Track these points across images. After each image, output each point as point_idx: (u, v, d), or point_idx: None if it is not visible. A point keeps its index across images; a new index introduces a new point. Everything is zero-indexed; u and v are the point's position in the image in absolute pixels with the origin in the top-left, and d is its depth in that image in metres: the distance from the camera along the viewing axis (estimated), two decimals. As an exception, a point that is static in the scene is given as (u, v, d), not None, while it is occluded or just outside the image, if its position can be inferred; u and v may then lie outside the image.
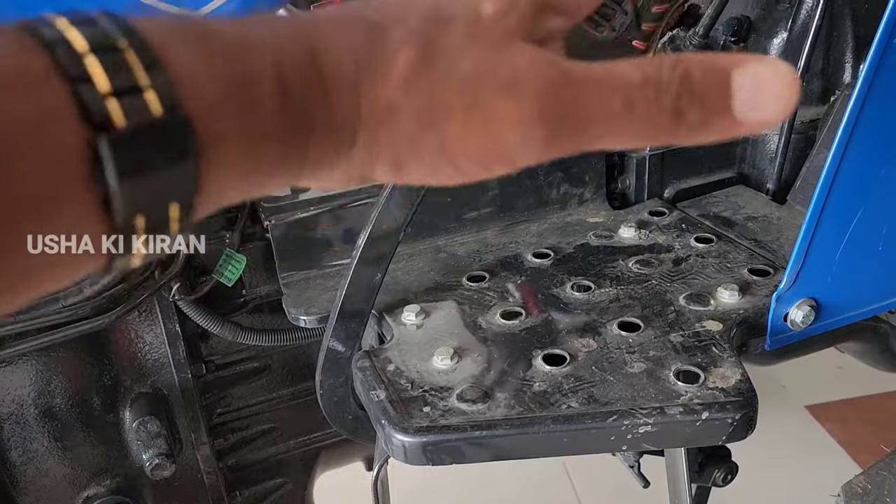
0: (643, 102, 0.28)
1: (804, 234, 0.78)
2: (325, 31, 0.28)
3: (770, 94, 0.29)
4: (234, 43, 0.25)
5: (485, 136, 0.28)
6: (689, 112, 0.28)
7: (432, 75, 0.28)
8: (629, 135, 0.29)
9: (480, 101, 0.28)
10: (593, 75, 0.29)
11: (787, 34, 1.11)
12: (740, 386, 0.72)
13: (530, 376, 0.76)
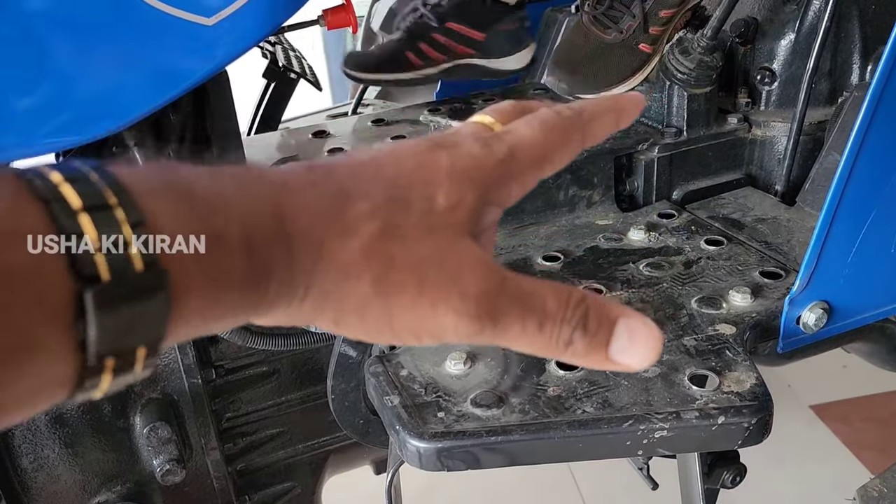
0: (549, 327, 0.34)
1: (817, 237, 0.78)
2: (295, 193, 0.31)
3: (638, 346, 0.35)
4: (210, 202, 0.27)
5: (427, 313, 0.32)
6: (577, 343, 0.34)
7: (390, 250, 0.31)
8: (530, 346, 0.35)
9: (429, 285, 0.32)
10: (522, 292, 0.34)
11: (795, 35, 1.11)
12: (755, 390, 0.71)
13: (544, 381, 0.75)
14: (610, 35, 1.12)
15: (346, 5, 0.83)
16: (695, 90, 1.09)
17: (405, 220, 0.32)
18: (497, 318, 0.33)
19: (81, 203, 0.23)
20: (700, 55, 1.06)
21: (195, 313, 0.27)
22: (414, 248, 0.32)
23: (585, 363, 0.35)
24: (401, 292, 0.32)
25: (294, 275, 0.30)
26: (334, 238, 0.31)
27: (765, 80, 1.15)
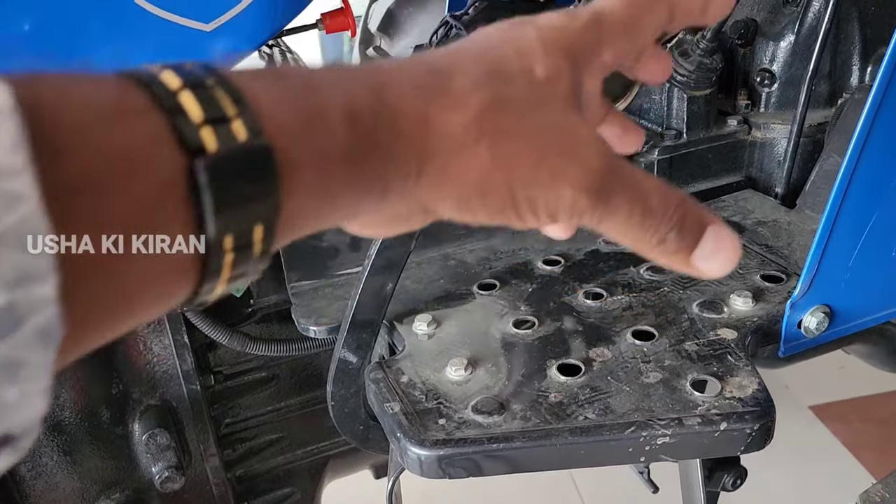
0: (651, 221, 0.35)
1: (818, 241, 0.77)
2: (391, 72, 0.30)
3: (720, 254, 0.36)
4: (306, 82, 0.28)
5: (547, 186, 0.32)
6: (669, 242, 0.35)
7: (503, 121, 0.31)
8: (626, 235, 0.35)
9: (548, 157, 0.31)
10: (634, 177, 0.34)
11: (795, 37, 1.11)
12: (757, 395, 0.71)
13: (545, 387, 0.75)
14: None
15: (345, 9, 0.83)
16: (694, 92, 1.09)
17: (511, 91, 0.31)
18: (610, 198, 0.33)
19: (181, 83, 0.24)
20: (700, 57, 1.06)
21: (306, 192, 0.27)
22: (527, 119, 0.31)
23: (668, 262, 0.36)
24: (520, 164, 0.31)
25: (403, 147, 0.29)
26: (441, 112, 0.30)
27: (764, 82, 1.14)
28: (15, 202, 0.19)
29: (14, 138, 0.19)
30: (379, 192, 0.30)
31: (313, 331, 0.89)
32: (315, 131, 0.27)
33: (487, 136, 0.30)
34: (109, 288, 0.23)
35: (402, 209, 0.33)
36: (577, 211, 0.33)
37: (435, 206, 0.32)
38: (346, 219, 0.32)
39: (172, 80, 0.24)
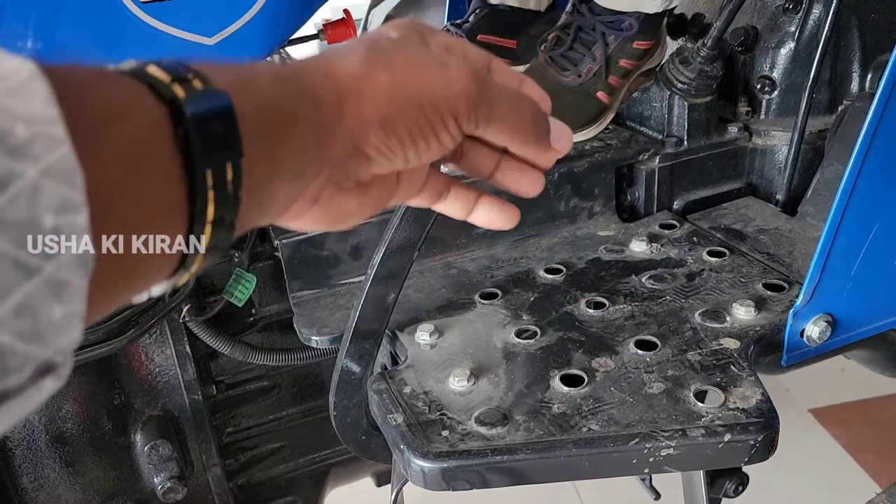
0: (530, 107, 0.44)
1: (821, 250, 0.77)
2: (299, 62, 0.38)
3: (565, 134, 0.47)
4: (243, 67, 0.35)
5: (442, 91, 0.39)
6: (544, 129, 0.45)
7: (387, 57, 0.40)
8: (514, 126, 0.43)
9: (431, 70, 0.40)
10: (495, 84, 0.43)
11: (795, 44, 1.11)
12: (761, 406, 0.71)
13: (549, 398, 0.75)
14: (568, 77, 1.07)
15: (346, 20, 0.82)
16: (695, 100, 1.09)
17: (381, 44, 0.40)
18: (488, 91, 0.41)
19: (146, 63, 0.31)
20: (700, 65, 1.06)
21: (257, 140, 0.32)
22: (403, 53, 0.40)
23: (540, 150, 0.45)
24: (414, 79, 0.39)
25: (323, 93, 0.37)
26: (338, 62, 0.38)
27: (765, 89, 1.14)
28: (56, 144, 0.23)
29: (47, 94, 0.24)
30: (315, 138, 0.36)
31: (315, 341, 0.89)
32: (253, 87, 0.33)
33: (380, 65, 0.38)
34: (119, 212, 0.27)
35: (338, 154, 0.38)
36: (471, 104, 0.40)
37: (364, 136, 0.38)
38: (295, 180, 0.36)
39: (138, 64, 0.31)
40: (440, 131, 0.40)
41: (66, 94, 0.25)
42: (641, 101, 1.15)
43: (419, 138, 0.39)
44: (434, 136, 0.40)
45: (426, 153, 0.41)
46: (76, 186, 0.24)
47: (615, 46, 1.07)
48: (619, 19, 1.06)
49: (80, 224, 0.24)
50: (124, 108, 0.28)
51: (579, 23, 1.07)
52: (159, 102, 0.29)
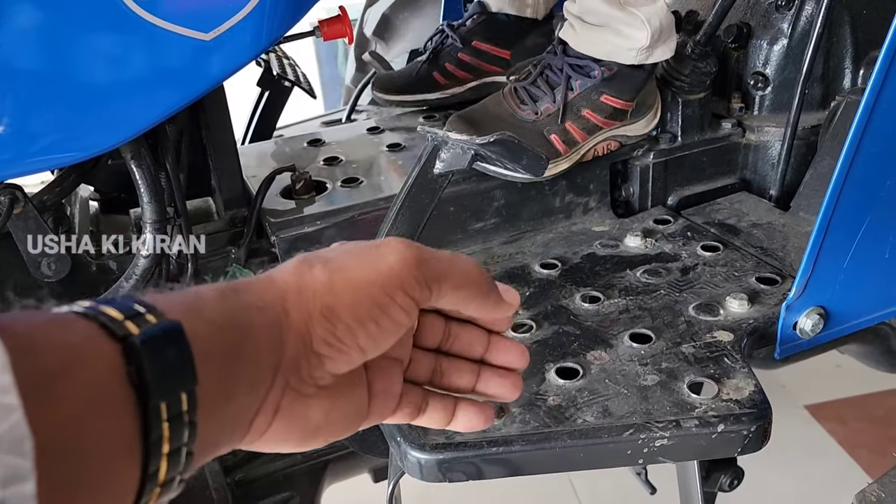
0: (481, 275, 0.44)
1: (813, 244, 0.78)
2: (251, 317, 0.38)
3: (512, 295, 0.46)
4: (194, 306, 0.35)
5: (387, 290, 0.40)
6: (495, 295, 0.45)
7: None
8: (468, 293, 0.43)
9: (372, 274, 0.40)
10: (439, 252, 0.43)
11: (788, 41, 1.12)
12: (754, 397, 0.72)
13: (544, 390, 0.76)
14: (524, 111, 1.01)
15: (342, 17, 0.83)
16: (689, 96, 1.09)
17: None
18: (431, 266, 0.41)
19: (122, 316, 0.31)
20: (693, 61, 1.07)
21: (212, 372, 0.32)
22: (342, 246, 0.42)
23: (494, 312, 0.45)
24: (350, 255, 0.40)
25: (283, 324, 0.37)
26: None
27: (758, 86, 1.15)
28: (8, 413, 0.24)
29: (2, 361, 0.25)
30: (266, 344, 0.36)
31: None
32: (201, 307, 0.34)
33: (316, 260, 0.39)
34: (71, 467, 0.27)
35: (290, 355, 0.37)
36: (416, 269, 0.40)
37: (310, 332, 0.38)
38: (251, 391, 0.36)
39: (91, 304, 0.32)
40: (389, 308, 0.39)
41: (20, 349, 0.25)
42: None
43: (367, 320, 0.38)
44: (384, 315, 0.39)
45: (380, 336, 0.40)
46: (25, 455, 0.24)
47: (579, 94, 1.01)
48: (589, 66, 1.01)
49: (28, 493, 0.24)
50: (77, 354, 0.28)
51: (549, 61, 1.04)
52: (112, 341, 0.29)
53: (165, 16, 0.61)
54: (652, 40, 0.99)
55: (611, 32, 0.99)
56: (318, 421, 0.40)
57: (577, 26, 1.01)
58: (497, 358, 0.48)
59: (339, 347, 0.38)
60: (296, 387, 0.38)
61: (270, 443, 0.39)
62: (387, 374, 0.44)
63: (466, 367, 0.47)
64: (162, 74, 0.64)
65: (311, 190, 1.01)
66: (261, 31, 0.66)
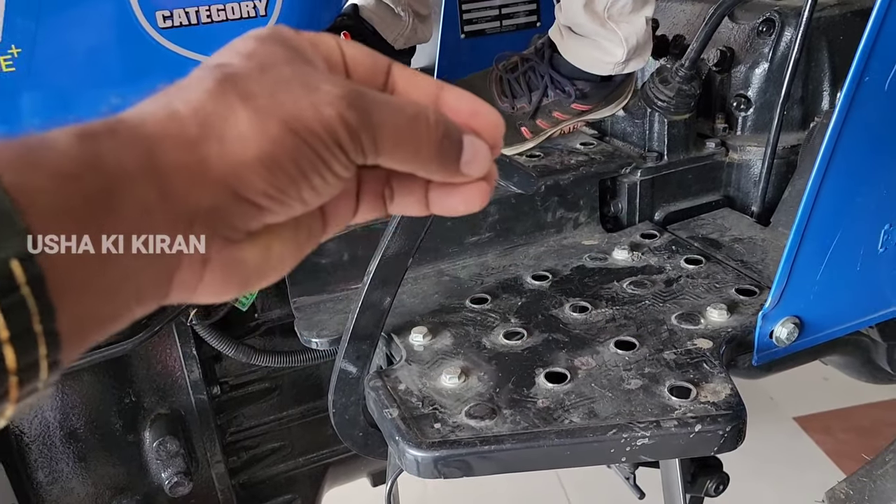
0: (421, 127, 0.36)
1: (787, 256, 0.83)
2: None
3: (480, 156, 0.38)
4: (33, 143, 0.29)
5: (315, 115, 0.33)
6: (444, 150, 0.37)
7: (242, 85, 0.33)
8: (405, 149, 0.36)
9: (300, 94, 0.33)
10: (381, 95, 0.36)
11: (769, 65, 1.18)
12: (730, 400, 0.77)
13: (534, 393, 0.80)
14: (503, 103, 1.15)
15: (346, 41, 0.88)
16: (674, 117, 1.15)
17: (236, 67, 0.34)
18: (371, 111, 0.34)
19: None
20: (679, 84, 1.13)
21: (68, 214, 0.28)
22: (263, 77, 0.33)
23: (444, 173, 0.37)
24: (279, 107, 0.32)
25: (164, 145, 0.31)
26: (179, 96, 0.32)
27: (741, 107, 1.21)
28: None
29: None
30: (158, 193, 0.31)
31: (315, 343, 0.95)
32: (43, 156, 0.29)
33: (236, 96, 0.32)
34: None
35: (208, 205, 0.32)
36: (349, 128, 0.33)
37: (244, 180, 0.32)
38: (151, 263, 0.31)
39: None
40: (330, 160, 0.34)
41: None
42: (624, 118, 1.21)
43: (311, 171, 0.33)
44: (325, 167, 0.34)
45: (324, 188, 0.34)
46: None
47: (552, 101, 1.14)
48: (564, 83, 1.13)
49: None
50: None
51: (534, 65, 1.15)
52: None
53: (187, 45, 0.66)
54: (627, 56, 1.10)
55: (591, 45, 1.10)
56: (256, 263, 0.36)
57: (564, 33, 1.13)
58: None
59: (280, 199, 0.33)
60: (226, 234, 0.34)
61: (207, 295, 0.35)
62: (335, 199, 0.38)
63: (412, 183, 0.40)
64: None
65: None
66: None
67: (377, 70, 0.39)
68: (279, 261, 0.37)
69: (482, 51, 1.64)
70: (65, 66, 0.67)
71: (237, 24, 0.68)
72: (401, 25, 1.34)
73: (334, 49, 0.38)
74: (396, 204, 0.41)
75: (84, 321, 0.29)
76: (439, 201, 0.40)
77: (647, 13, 1.09)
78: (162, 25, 0.66)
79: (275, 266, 0.37)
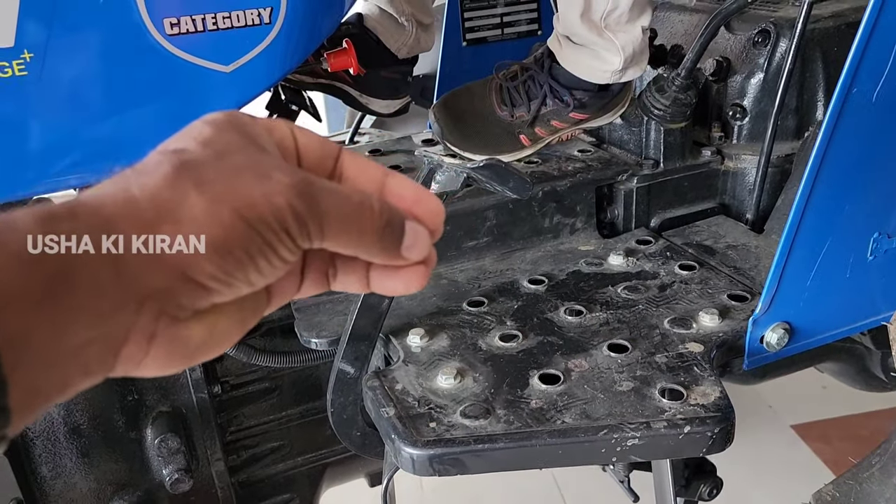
0: (365, 214, 0.38)
1: (777, 262, 0.85)
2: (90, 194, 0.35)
3: (421, 241, 0.40)
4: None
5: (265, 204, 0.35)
6: (386, 235, 0.39)
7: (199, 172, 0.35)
8: (349, 235, 0.38)
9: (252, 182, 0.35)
10: (329, 184, 0.38)
11: (764, 75, 1.20)
12: (719, 403, 0.78)
13: (527, 394, 0.82)
14: (502, 111, 1.18)
15: (348, 50, 0.90)
16: (671, 125, 1.17)
17: (194, 154, 0.35)
18: (319, 199, 0.36)
19: None
20: (675, 93, 1.15)
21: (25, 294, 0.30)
22: (219, 164, 0.35)
23: (385, 256, 0.40)
24: (232, 195, 0.34)
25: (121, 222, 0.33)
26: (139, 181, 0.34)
27: (736, 116, 1.23)
28: None
29: None
30: (112, 273, 0.32)
31: (315, 343, 0.97)
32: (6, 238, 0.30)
33: (190, 183, 0.34)
34: None
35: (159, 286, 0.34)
36: (297, 216, 0.35)
37: (194, 264, 0.34)
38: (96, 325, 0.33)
39: None
40: (277, 246, 0.35)
41: None
42: (621, 126, 1.23)
43: (258, 256, 0.35)
44: (273, 252, 0.35)
45: (270, 271, 0.36)
46: None
47: (551, 109, 1.16)
48: (563, 92, 1.15)
49: None
50: None
51: (535, 74, 1.17)
52: None
53: (192, 51, 0.68)
54: (625, 65, 1.11)
55: (589, 54, 1.12)
56: (201, 339, 0.37)
57: (563, 42, 1.15)
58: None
59: (227, 282, 0.35)
60: (173, 313, 0.35)
61: (151, 369, 0.36)
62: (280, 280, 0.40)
63: (353, 264, 0.42)
64: (185, 103, 0.71)
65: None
66: (276, 62, 0.74)
67: (327, 156, 0.41)
68: (224, 336, 0.38)
69: (484, 58, 1.67)
70: (76, 71, 0.69)
71: (243, 32, 0.70)
72: (404, 35, 1.37)
73: (287, 136, 0.40)
74: (339, 282, 0.42)
75: (33, 394, 0.31)
76: (380, 282, 0.42)
77: (643, 23, 1.11)
78: (169, 32, 0.68)
79: (219, 341, 0.38)
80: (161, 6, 0.67)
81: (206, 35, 0.69)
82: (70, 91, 0.69)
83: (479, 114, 1.18)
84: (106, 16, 0.66)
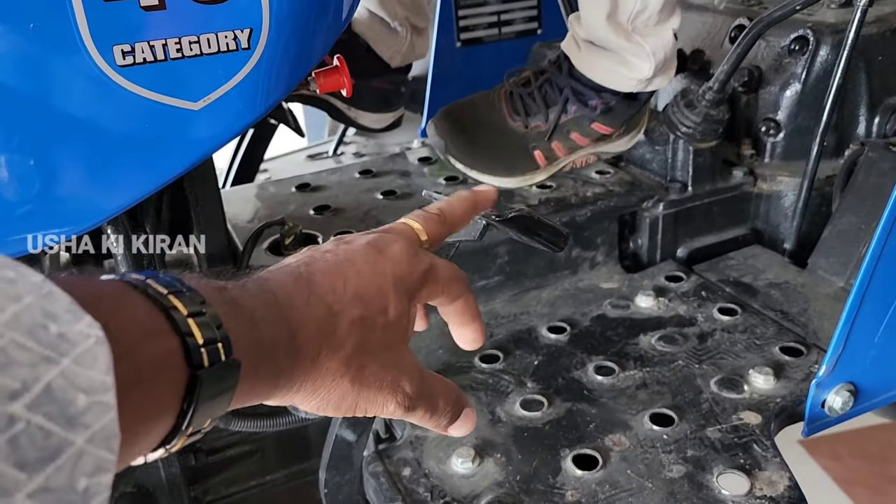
0: (436, 418, 0.50)
1: (845, 319, 0.73)
2: (297, 312, 0.42)
3: (467, 424, 0.53)
4: (249, 317, 0.39)
5: (379, 403, 0.46)
6: (442, 427, 0.52)
7: (363, 359, 0.45)
8: (419, 423, 0.50)
9: (385, 385, 0.46)
10: (432, 392, 0.49)
11: (802, 86, 1.07)
12: (790, 494, 0.66)
13: (560, 483, 0.69)
14: (515, 121, 1.04)
15: (340, 68, 0.76)
16: (700, 144, 1.04)
17: (373, 336, 0.45)
18: (416, 408, 0.48)
19: (187, 311, 0.34)
20: (706, 108, 1.02)
21: (240, 394, 0.37)
22: (378, 358, 0.45)
23: (435, 427, 0.51)
24: (367, 390, 0.45)
25: (295, 375, 0.42)
26: (328, 351, 0.43)
27: (770, 132, 1.10)
28: (106, 411, 0.26)
29: (108, 362, 0.27)
30: (267, 396, 0.41)
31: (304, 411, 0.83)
32: (255, 359, 0.38)
33: (351, 372, 0.44)
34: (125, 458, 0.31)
35: (279, 402, 0.43)
36: (394, 415, 0.47)
37: (303, 405, 0.44)
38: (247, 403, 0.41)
39: (182, 308, 0.34)
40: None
41: (116, 353, 0.27)
42: (643, 144, 1.10)
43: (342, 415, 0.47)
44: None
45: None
46: (112, 450, 0.26)
47: (572, 118, 1.02)
48: (589, 95, 1.01)
49: (105, 483, 0.26)
50: (158, 369, 0.31)
51: (552, 76, 1.03)
52: (185, 364, 0.33)
53: (149, 85, 0.54)
54: (654, 71, 0.98)
55: (615, 59, 0.99)
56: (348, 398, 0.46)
57: (583, 46, 1.01)
58: None
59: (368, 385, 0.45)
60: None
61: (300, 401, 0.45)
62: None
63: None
64: (151, 147, 0.57)
65: (302, 245, 0.94)
66: (256, 96, 0.59)
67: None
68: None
69: (479, 61, 1.53)
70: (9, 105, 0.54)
71: (215, 60, 0.56)
72: (398, 41, 1.22)
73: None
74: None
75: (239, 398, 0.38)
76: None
77: (673, 25, 0.98)
78: (121, 63, 0.53)
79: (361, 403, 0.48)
80: (110, 30, 0.52)
81: (168, 65, 0.55)
82: (10, 142, 0.54)
83: (487, 125, 1.04)
84: (37, 43, 0.51)
